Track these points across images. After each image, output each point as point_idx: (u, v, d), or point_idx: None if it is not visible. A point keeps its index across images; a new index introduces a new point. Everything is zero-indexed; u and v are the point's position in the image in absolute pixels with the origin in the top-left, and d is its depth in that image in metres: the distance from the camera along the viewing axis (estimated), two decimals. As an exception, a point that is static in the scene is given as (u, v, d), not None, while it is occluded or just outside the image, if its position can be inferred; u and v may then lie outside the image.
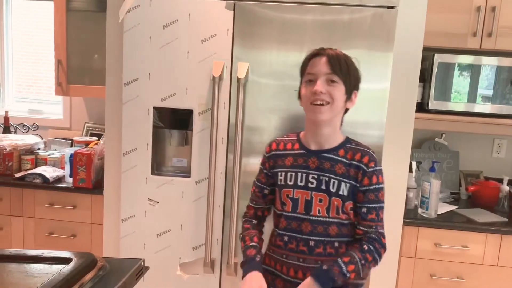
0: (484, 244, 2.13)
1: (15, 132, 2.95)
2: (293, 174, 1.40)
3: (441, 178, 2.47)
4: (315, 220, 1.37)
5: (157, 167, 2.09)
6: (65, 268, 0.85)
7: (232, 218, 1.95)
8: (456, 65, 2.23)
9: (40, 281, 0.81)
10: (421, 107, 2.29)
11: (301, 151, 1.42)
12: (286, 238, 1.41)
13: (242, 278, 1.40)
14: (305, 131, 1.46)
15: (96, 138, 2.77)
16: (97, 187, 2.39)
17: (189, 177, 2.02)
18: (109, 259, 0.97)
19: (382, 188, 1.39)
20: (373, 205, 1.37)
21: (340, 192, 1.35)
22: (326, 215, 1.37)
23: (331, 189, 1.36)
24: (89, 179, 2.36)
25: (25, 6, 3.10)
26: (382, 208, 1.39)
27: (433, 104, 2.25)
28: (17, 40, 3.13)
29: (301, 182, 1.38)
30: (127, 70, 1.99)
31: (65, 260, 0.89)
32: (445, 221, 2.17)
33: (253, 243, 1.48)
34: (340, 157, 1.38)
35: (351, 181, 1.36)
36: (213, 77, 1.89)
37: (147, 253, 2.08)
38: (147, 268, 1.01)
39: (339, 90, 1.34)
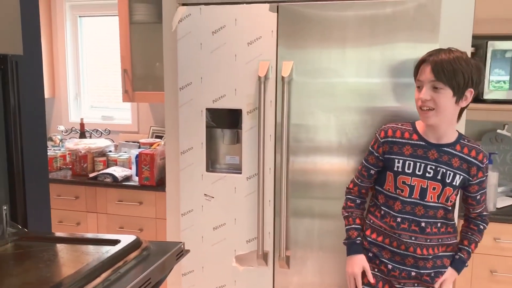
0: (550, 239, 2.02)
1: (90, 137, 3.26)
2: (412, 163, 1.56)
3: (504, 171, 2.37)
4: (428, 205, 1.56)
5: (212, 165, 2.23)
6: (113, 248, 0.99)
7: (282, 215, 2.03)
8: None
9: (92, 258, 0.95)
10: (476, 97, 2.21)
11: (421, 143, 1.57)
12: (399, 220, 1.59)
13: (347, 255, 1.72)
14: (423, 125, 1.60)
15: (159, 140, 2.99)
16: (160, 185, 2.58)
17: (240, 173, 2.13)
18: (154, 242, 1.09)
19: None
20: (484, 191, 1.62)
21: (454, 183, 1.54)
22: (437, 200, 1.56)
23: (446, 180, 1.54)
24: (153, 177, 2.57)
25: (94, 23, 3.42)
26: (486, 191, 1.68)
27: (488, 94, 2.16)
28: (89, 54, 3.46)
29: (419, 171, 1.55)
30: (181, 75, 2.14)
31: (114, 242, 1.03)
32: (505, 215, 2.08)
33: (355, 225, 1.70)
34: (457, 152, 1.54)
35: (464, 174, 1.54)
36: (259, 77, 1.98)
37: (205, 245, 2.21)
38: (188, 251, 1.12)
39: (445, 95, 1.46)
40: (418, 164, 1.55)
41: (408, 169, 1.55)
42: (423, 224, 1.56)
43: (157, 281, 0.98)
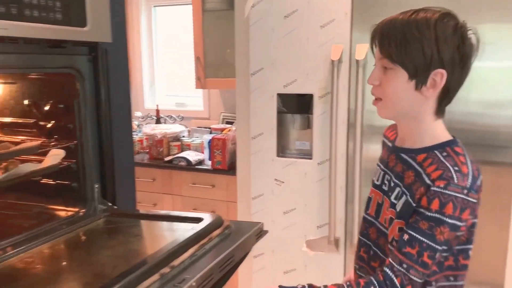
0: None
1: (164, 123, 3.41)
2: (377, 168, 1.16)
3: None
4: (380, 229, 1.11)
5: (282, 150, 2.24)
6: (197, 226, 1.04)
7: (355, 202, 2.00)
8: None
9: (178, 234, 1.00)
10: None
11: (389, 144, 1.16)
12: (356, 240, 1.23)
13: None
14: None
15: (230, 126, 3.05)
16: (231, 169, 2.65)
17: (311, 158, 2.13)
18: (234, 221, 1.13)
19: (445, 224, 0.94)
20: (420, 238, 0.95)
21: (396, 206, 1.03)
22: (389, 227, 1.07)
23: (392, 198, 1.06)
24: (224, 161, 2.64)
25: (168, 12, 3.54)
26: (434, 251, 0.95)
27: None
28: (163, 42, 3.59)
29: (377, 180, 1.14)
30: (253, 61, 2.17)
31: (198, 220, 1.08)
32: None
33: None
34: (415, 162, 1.02)
35: (409, 198, 1.01)
36: (332, 61, 1.95)
37: (275, 229, 2.24)
38: (266, 231, 1.14)
39: (394, 78, 0.98)
40: (379, 171, 1.15)
41: (374, 175, 1.17)
42: (371, 253, 1.14)
43: (239, 259, 1.01)
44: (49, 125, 1.39)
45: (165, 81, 3.65)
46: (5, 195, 1.45)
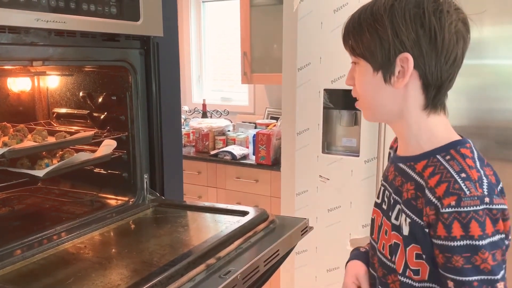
0: None
1: (210, 117, 3.45)
2: (381, 184, 0.98)
3: None
4: (379, 257, 0.92)
5: (328, 146, 2.21)
6: (243, 219, 1.04)
7: (402, 199, 1.95)
8: None
9: (224, 226, 1.01)
10: None
11: (392, 154, 0.98)
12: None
13: None
14: None
15: (275, 121, 3.05)
16: (275, 164, 2.65)
17: (358, 156, 2.08)
18: (279, 216, 1.13)
19: (481, 248, 0.74)
20: (467, 279, 0.75)
21: (400, 228, 0.85)
22: (389, 257, 0.88)
23: (392, 219, 0.88)
24: (269, 156, 2.64)
25: (217, 8, 3.57)
26: (491, 283, 0.74)
27: None
28: (211, 38, 3.63)
29: (378, 197, 0.97)
30: (300, 56, 2.15)
31: (244, 213, 1.09)
32: None
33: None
34: (415, 172, 0.85)
35: (415, 217, 0.82)
36: (382, 57, 1.90)
37: (319, 226, 2.22)
38: (311, 227, 1.13)
39: (362, 74, 0.87)
40: (381, 186, 0.97)
41: (378, 191, 0.99)
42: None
43: (284, 254, 1.01)
44: (102, 117, 1.44)
45: (212, 76, 3.70)
46: (61, 183, 1.52)
